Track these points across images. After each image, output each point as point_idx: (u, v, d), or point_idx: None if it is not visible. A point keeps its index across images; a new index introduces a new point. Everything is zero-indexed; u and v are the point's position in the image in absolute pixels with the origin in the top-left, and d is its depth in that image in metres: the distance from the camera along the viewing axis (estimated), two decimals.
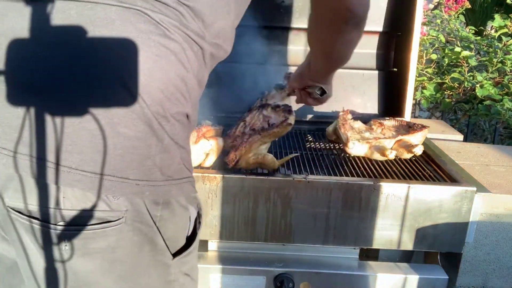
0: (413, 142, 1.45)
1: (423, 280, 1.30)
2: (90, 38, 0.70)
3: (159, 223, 0.76)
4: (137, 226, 0.74)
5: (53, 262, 0.74)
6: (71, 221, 0.71)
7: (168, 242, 0.80)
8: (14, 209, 0.73)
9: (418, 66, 2.83)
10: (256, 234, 1.26)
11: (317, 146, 1.60)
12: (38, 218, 0.72)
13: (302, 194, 1.22)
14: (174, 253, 0.82)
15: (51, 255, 0.73)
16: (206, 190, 1.22)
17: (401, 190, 1.23)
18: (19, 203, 0.72)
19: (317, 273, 1.31)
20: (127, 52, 0.71)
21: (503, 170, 1.77)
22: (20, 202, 0.72)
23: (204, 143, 1.29)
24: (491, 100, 2.60)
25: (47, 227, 0.71)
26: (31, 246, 0.75)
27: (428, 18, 3.30)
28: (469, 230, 1.26)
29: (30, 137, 0.69)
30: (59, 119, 0.69)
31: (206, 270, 1.29)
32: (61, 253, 0.73)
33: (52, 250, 0.73)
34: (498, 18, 2.96)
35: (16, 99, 0.70)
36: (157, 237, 0.77)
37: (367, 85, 1.86)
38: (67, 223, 0.71)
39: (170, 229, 0.79)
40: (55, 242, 0.72)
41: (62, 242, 0.72)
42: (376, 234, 1.26)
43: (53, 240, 0.72)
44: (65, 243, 0.72)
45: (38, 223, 0.72)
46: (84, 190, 0.70)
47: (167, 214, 0.78)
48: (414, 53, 1.72)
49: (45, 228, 0.71)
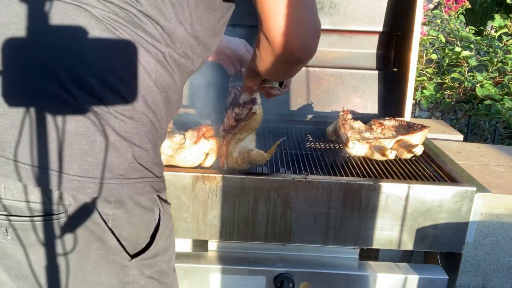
0: (413, 142, 1.45)
1: (423, 280, 1.30)
2: (33, 32, 0.71)
3: (112, 222, 0.75)
4: (82, 222, 0.73)
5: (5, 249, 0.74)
6: (12, 211, 0.71)
7: (125, 242, 0.78)
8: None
9: (418, 66, 2.83)
10: (256, 234, 1.26)
11: (317, 146, 1.60)
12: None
13: (302, 194, 1.22)
14: (133, 254, 0.80)
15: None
16: (206, 190, 1.22)
17: (401, 190, 1.23)
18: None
19: (317, 273, 1.31)
20: (64, 44, 0.71)
21: (503, 170, 1.77)
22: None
23: (204, 143, 1.29)
24: (491, 99, 2.61)
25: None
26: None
27: (428, 18, 3.30)
28: (469, 230, 1.26)
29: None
30: (11, 112, 0.70)
31: (206, 270, 1.29)
32: (2, 242, 0.73)
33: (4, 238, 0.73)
34: (498, 18, 2.96)
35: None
36: (108, 235, 0.75)
37: (367, 85, 1.86)
38: (8, 213, 0.71)
39: (126, 229, 0.77)
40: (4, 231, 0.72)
41: (3, 232, 0.72)
42: (376, 234, 1.26)
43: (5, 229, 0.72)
44: (6, 233, 0.72)
45: None
46: (20, 181, 0.70)
47: (121, 214, 0.76)
48: (414, 53, 1.72)
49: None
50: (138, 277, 0.81)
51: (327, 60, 1.86)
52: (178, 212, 1.23)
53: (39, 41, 0.72)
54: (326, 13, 1.80)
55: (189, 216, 1.24)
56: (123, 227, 0.77)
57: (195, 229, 1.25)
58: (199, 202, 1.23)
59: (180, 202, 1.22)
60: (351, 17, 1.81)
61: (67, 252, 0.74)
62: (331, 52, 1.85)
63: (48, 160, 0.70)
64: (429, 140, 1.67)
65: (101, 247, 0.76)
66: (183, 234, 1.25)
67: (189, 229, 1.25)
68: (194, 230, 1.25)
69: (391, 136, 1.48)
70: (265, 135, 1.64)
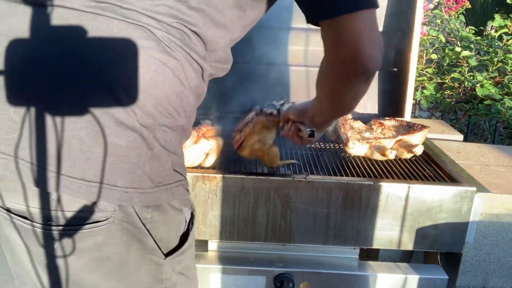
0: (413, 142, 1.45)
1: (423, 280, 1.30)
2: (88, 48, 0.71)
3: (149, 225, 0.78)
4: (125, 227, 0.75)
5: (42, 261, 0.76)
6: (60, 221, 0.73)
7: (160, 243, 0.81)
8: (2, 208, 0.75)
9: (418, 66, 2.83)
10: (256, 234, 1.26)
11: (317, 146, 1.60)
12: (27, 218, 0.73)
13: (302, 194, 1.22)
14: (167, 253, 0.84)
15: (41, 254, 0.75)
16: (206, 190, 1.22)
17: (401, 190, 1.23)
18: (9, 203, 0.74)
19: (317, 273, 1.31)
20: (124, 66, 0.71)
21: (503, 170, 1.77)
22: (11, 202, 0.74)
23: (204, 143, 1.29)
24: (491, 99, 2.61)
25: (37, 227, 0.73)
26: (19, 244, 0.76)
27: (428, 18, 3.30)
28: (469, 230, 1.26)
29: (19, 139, 0.70)
30: (51, 126, 0.70)
31: (206, 270, 1.29)
32: (50, 252, 0.74)
33: (42, 249, 0.75)
34: (498, 18, 2.96)
35: (12, 100, 0.70)
36: (147, 238, 0.79)
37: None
38: (56, 224, 0.73)
39: (161, 231, 0.81)
40: (44, 242, 0.74)
41: (51, 242, 0.74)
42: (376, 234, 1.26)
43: (42, 240, 0.74)
44: (54, 242, 0.73)
45: (29, 223, 0.73)
46: (72, 196, 0.71)
47: (158, 216, 0.79)
48: (414, 53, 1.72)
49: (35, 228, 0.73)
50: (170, 274, 0.86)
51: None
52: None
53: (98, 59, 0.72)
54: None
55: None
56: (159, 229, 0.80)
57: (195, 229, 1.25)
58: (199, 202, 1.23)
59: None
60: None
61: (110, 255, 0.77)
62: None
63: (101, 175, 0.72)
64: (429, 140, 1.67)
65: (141, 248, 0.79)
66: None
67: None
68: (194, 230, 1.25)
69: (391, 136, 1.48)
70: None
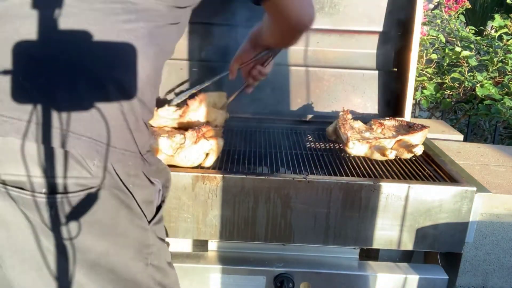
0: (413, 142, 1.45)
1: (423, 280, 1.30)
2: (88, 39, 0.79)
3: (132, 189, 0.84)
4: (114, 192, 0.81)
5: (44, 228, 0.79)
6: (59, 189, 0.77)
7: (142, 207, 0.87)
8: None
9: (418, 66, 2.83)
10: (256, 234, 1.26)
11: (317, 146, 1.60)
12: (24, 188, 0.77)
13: (302, 194, 1.22)
14: (149, 220, 0.90)
15: (42, 222, 0.78)
16: (206, 190, 1.22)
17: (401, 190, 1.23)
18: (5, 176, 0.77)
19: (317, 273, 1.31)
20: (121, 55, 0.82)
21: (503, 170, 1.77)
22: (6, 174, 0.77)
23: (204, 143, 1.29)
24: (491, 99, 2.61)
25: (37, 196, 0.77)
26: (16, 217, 0.79)
27: (428, 18, 3.30)
28: (469, 230, 1.26)
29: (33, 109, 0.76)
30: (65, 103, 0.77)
31: (206, 270, 1.29)
32: (52, 219, 0.78)
33: (43, 217, 0.78)
34: (498, 18, 2.96)
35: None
36: (133, 203, 0.85)
37: (367, 85, 1.86)
38: (56, 192, 0.77)
39: (140, 196, 0.87)
40: (46, 210, 0.78)
41: (54, 209, 0.77)
42: (376, 234, 1.26)
43: (44, 208, 0.77)
44: (50, 209, 0.77)
45: (29, 193, 0.77)
46: (82, 152, 0.77)
47: (138, 183, 0.86)
48: (414, 53, 1.72)
49: (36, 197, 0.77)
50: (155, 240, 0.92)
51: (327, 60, 1.86)
52: (178, 212, 1.23)
53: (98, 50, 0.81)
54: (326, 13, 1.80)
55: (189, 216, 1.24)
56: (138, 194, 0.86)
57: (195, 229, 1.25)
58: (199, 202, 1.23)
59: (180, 202, 1.22)
60: (351, 17, 1.81)
61: (101, 219, 0.82)
62: (331, 52, 1.85)
63: (107, 136, 0.79)
64: (429, 140, 1.67)
65: (129, 213, 0.85)
66: (183, 234, 1.25)
67: (189, 229, 1.25)
68: (194, 230, 1.25)
69: (391, 136, 1.48)
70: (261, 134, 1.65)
